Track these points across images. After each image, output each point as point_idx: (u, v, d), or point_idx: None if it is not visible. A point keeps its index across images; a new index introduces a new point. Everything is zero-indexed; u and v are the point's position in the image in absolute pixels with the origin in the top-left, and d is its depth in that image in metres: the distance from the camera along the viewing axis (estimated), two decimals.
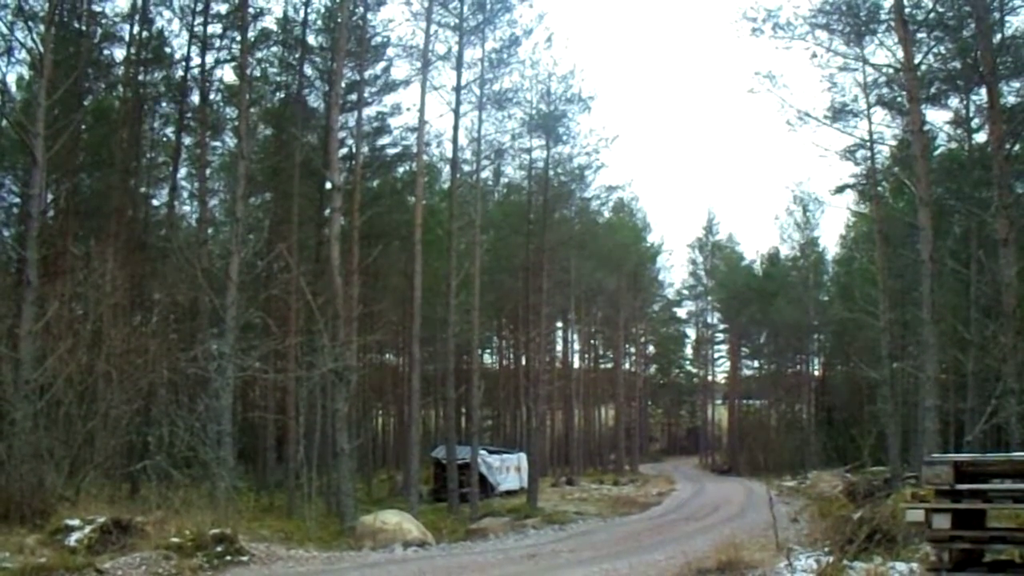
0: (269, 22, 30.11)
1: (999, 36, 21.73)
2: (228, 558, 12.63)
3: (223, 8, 28.31)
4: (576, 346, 59.39)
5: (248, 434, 33.29)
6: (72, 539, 12.25)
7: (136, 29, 29.27)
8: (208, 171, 31.47)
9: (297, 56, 30.78)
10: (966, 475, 6.84)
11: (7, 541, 12.21)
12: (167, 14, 29.23)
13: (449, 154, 32.41)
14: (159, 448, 17.36)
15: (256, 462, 33.60)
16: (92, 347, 17.64)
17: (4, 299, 18.53)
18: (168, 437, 17.47)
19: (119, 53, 30.13)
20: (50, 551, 11.67)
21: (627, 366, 68.29)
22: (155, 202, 33.29)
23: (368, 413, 43.04)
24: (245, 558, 12.94)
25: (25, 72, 27.79)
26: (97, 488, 16.36)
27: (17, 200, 29.41)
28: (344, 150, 30.90)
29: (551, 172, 36.05)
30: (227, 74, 30.78)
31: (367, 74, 31.29)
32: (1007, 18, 22.38)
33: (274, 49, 31.20)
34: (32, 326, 16.67)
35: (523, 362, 45.93)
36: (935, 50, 24.20)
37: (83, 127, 27.87)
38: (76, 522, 12.76)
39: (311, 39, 31.09)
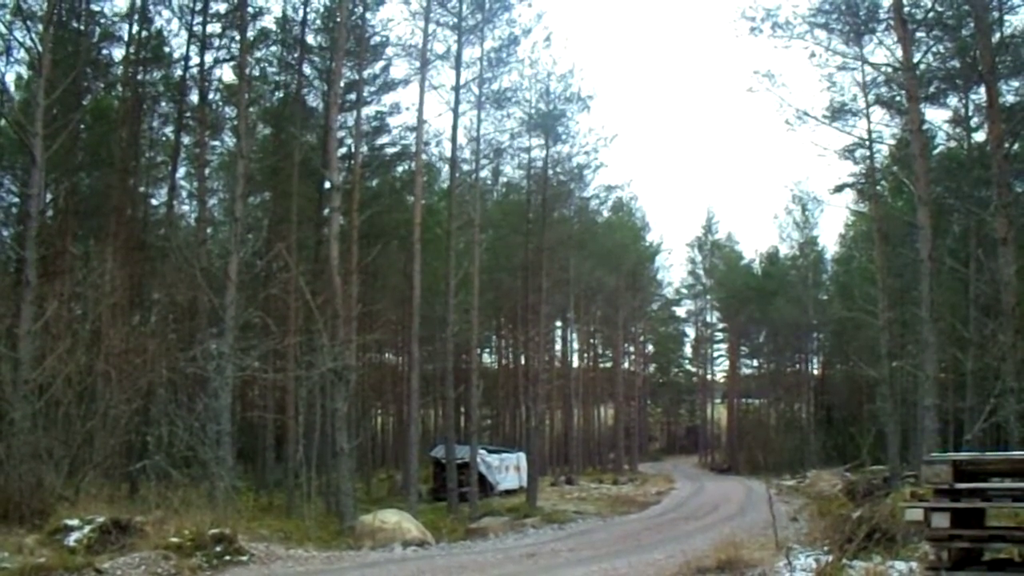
0: (268, 21, 30.22)
1: (998, 35, 21.74)
2: (227, 558, 12.63)
3: (222, 7, 28.39)
4: (575, 345, 59.47)
5: (247, 434, 33.30)
6: (71, 539, 12.25)
7: (135, 28, 29.34)
8: (207, 170, 31.50)
9: (296, 56, 30.82)
10: (965, 474, 6.84)
11: (6, 541, 12.20)
12: (166, 13, 29.33)
13: (448, 153, 32.44)
14: (158, 448, 17.36)
15: (255, 462, 33.60)
16: (91, 347, 17.63)
17: (3, 299, 18.52)
18: (167, 437, 17.47)
19: (118, 53, 30.21)
20: (49, 551, 11.67)
21: (626, 365, 68.33)
22: (154, 201, 33.38)
23: (367, 413, 43.03)
24: (244, 558, 12.95)
25: (24, 72, 27.83)
26: (96, 488, 16.34)
27: (16, 200, 29.39)
28: (343, 149, 30.92)
29: (550, 171, 36.01)
30: (226, 73, 30.87)
31: (366, 73, 31.32)
32: (1006, 17, 22.44)
33: (273, 48, 31.28)
34: (31, 326, 16.67)
35: (522, 361, 45.93)
36: (934, 49, 24.23)
37: (82, 127, 27.87)
38: (75, 522, 12.76)
39: (310, 38, 31.18)
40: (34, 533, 12.78)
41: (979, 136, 26.02)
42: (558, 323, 51.81)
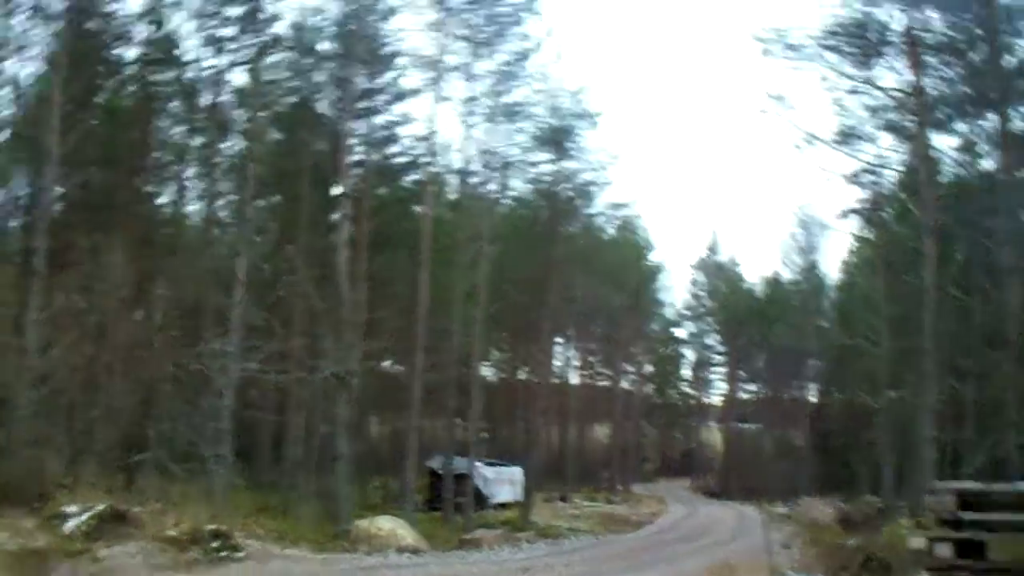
0: (281, 27, 30.19)
1: (1009, 60, 21.74)
2: (223, 553, 12.68)
3: (236, 12, 28.47)
4: (575, 363, 59.28)
5: (245, 433, 33.14)
6: (69, 525, 12.27)
7: (148, 30, 29.44)
8: (217, 173, 31.52)
9: (308, 62, 30.85)
10: (970, 505, 6.84)
11: (5, 524, 12.20)
12: (179, 16, 29.39)
13: (457, 165, 32.51)
14: (159, 442, 17.36)
15: (252, 461, 33.47)
16: (96, 339, 17.67)
17: (12, 288, 18.58)
18: (168, 432, 17.48)
19: (131, 53, 30.29)
20: (48, 536, 11.70)
21: (624, 385, 68.07)
22: (162, 200, 33.33)
23: (366, 420, 42.82)
24: (240, 554, 12.99)
25: (40, 69, 27.87)
26: (95, 477, 16.35)
27: (28, 192, 29.40)
28: (353, 157, 30.92)
29: (558, 187, 35.99)
30: (238, 77, 30.87)
31: (377, 82, 31.35)
32: (1017, 42, 22.41)
33: (285, 54, 31.28)
34: (38, 315, 16.70)
35: (522, 376, 45.81)
36: (944, 74, 24.24)
37: (94, 122, 27.91)
38: (74, 509, 12.80)
39: (322, 46, 31.21)
40: (32, 517, 12.79)
41: (987, 164, 26.01)
42: (558, 339, 51.72)
